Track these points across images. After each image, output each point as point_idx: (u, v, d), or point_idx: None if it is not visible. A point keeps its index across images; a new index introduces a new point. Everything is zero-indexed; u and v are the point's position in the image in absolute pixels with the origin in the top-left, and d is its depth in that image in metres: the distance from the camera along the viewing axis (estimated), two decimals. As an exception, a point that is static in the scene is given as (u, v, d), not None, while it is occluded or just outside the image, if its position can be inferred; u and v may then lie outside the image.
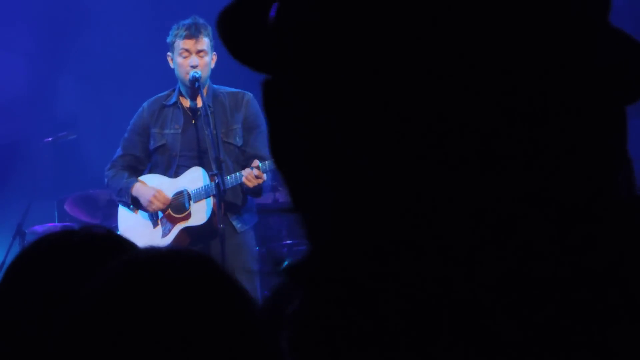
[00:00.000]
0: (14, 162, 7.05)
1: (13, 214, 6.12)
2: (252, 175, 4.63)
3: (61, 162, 6.34)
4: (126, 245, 1.42)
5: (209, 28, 4.86)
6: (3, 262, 5.81)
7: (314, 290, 0.64)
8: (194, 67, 4.77)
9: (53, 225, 6.11)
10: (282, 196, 5.71)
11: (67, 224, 6.15)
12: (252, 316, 1.09)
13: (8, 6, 7.19)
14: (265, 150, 4.81)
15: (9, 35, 7.20)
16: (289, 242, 5.95)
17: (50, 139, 6.12)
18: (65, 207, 6.29)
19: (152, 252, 1.13)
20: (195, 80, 4.76)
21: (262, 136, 4.90)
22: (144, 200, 4.89)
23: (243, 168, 4.74)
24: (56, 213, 6.49)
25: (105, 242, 1.42)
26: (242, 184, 4.68)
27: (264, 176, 4.65)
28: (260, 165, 4.65)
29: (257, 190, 4.74)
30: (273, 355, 1.06)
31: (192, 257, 1.11)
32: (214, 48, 4.90)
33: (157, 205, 4.86)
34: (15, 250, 5.78)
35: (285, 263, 0.68)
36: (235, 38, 0.73)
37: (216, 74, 4.96)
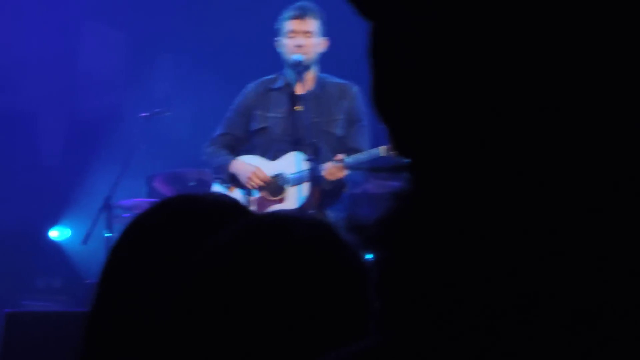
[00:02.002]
0: (107, 135, 7.11)
1: (102, 187, 6.16)
2: (333, 168, 4.58)
3: (153, 138, 6.35)
4: (247, 212, 1.40)
5: (320, 12, 4.77)
6: (89, 234, 5.86)
7: (402, 242, 0.63)
8: (299, 47, 4.69)
9: (141, 201, 6.13)
10: (373, 187, 5.65)
11: (155, 200, 6.16)
12: (367, 282, 1.11)
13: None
14: (365, 145, 4.76)
15: (110, 10, 7.27)
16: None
17: (145, 114, 6.15)
18: (154, 184, 6.31)
19: (279, 215, 1.17)
20: (297, 63, 4.69)
21: (364, 130, 4.85)
22: (242, 177, 4.86)
23: (338, 159, 4.68)
24: (145, 189, 6.52)
25: (230, 209, 1.39)
26: (322, 178, 4.63)
27: (345, 171, 4.60)
28: (344, 159, 4.59)
29: (337, 185, 4.68)
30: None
31: (315, 221, 1.15)
32: (325, 34, 4.81)
33: (256, 181, 4.83)
34: (101, 222, 5.82)
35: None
36: None
37: (324, 65, 4.89)
